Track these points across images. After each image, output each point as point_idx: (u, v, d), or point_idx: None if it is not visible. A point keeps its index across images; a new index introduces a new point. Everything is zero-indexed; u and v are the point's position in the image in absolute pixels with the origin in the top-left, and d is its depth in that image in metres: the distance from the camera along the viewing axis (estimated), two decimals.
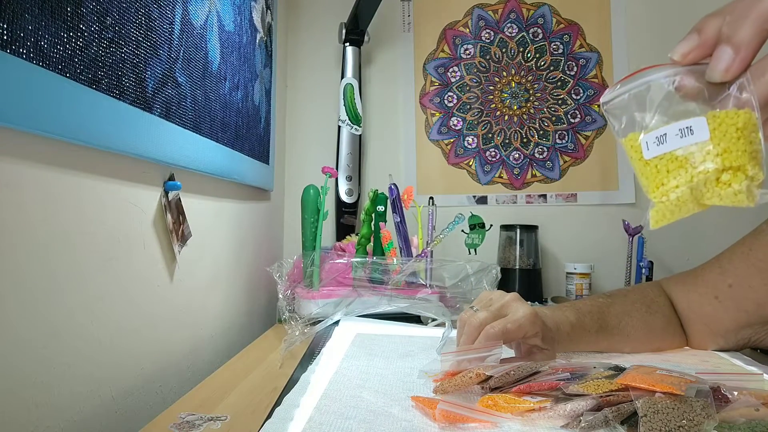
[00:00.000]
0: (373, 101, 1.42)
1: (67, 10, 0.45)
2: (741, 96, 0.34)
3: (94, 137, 0.50)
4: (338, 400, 0.50)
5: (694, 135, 0.35)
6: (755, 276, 0.66)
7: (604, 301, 0.70)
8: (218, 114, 0.84)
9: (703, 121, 0.35)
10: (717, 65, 0.34)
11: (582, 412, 0.42)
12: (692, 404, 0.39)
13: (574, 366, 0.50)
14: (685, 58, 0.35)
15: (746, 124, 0.34)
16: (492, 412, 0.44)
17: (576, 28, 1.39)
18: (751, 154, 0.34)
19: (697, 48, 0.35)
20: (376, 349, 0.70)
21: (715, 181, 0.35)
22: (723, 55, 0.33)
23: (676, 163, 0.37)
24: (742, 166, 0.34)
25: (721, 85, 0.35)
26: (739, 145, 0.34)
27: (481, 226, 1.26)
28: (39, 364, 0.46)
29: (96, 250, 0.54)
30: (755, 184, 0.34)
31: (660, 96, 0.37)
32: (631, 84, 0.39)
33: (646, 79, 0.38)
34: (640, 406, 0.39)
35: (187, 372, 0.75)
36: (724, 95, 0.35)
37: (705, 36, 0.34)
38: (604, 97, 0.41)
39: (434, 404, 0.45)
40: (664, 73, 0.37)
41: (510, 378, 0.48)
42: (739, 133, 0.34)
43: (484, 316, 0.57)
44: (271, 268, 0.89)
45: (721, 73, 0.34)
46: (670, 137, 0.36)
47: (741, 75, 0.34)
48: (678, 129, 0.36)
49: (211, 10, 0.79)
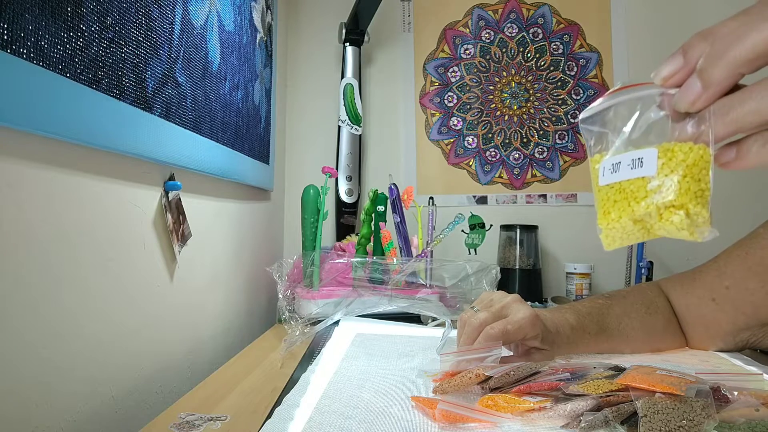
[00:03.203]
0: (373, 101, 1.42)
1: (67, 10, 0.45)
2: (700, 129, 0.33)
3: (94, 137, 0.50)
4: (338, 400, 0.50)
5: (643, 168, 0.35)
6: (752, 279, 0.66)
7: (603, 303, 0.70)
8: (218, 114, 0.84)
9: (654, 153, 0.34)
10: (684, 96, 0.33)
11: (582, 412, 0.42)
12: (692, 404, 0.39)
13: (574, 366, 0.50)
14: (666, 81, 0.34)
15: (696, 162, 0.33)
16: (492, 412, 0.44)
17: (576, 29, 1.39)
18: (696, 192, 0.33)
19: (680, 71, 0.34)
20: (376, 349, 0.70)
21: (658, 216, 0.35)
22: (692, 87, 0.33)
23: (622, 195, 0.36)
24: (684, 204, 0.33)
25: (687, 113, 0.34)
26: (684, 183, 0.33)
27: (481, 226, 1.26)
28: (39, 364, 0.46)
29: (96, 250, 0.54)
30: (699, 221, 0.34)
31: (628, 119, 0.37)
32: (607, 102, 0.38)
33: (619, 99, 0.37)
34: (640, 407, 0.40)
35: (187, 372, 0.75)
36: (687, 123, 0.34)
37: (689, 59, 0.33)
38: (582, 114, 0.40)
39: (434, 404, 0.45)
40: (638, 94, 0.36)
41: (510, 378, 0.48)
42: (687, 170, 0.33)
43: (484, 316, 0.58)
44: (271, 268, 0.90)
45: (687, 104, 0.33)
46: (623, 167, 0.36)
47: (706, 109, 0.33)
48: (630, 159, 0.36)
49: (212, 10, 0.79)
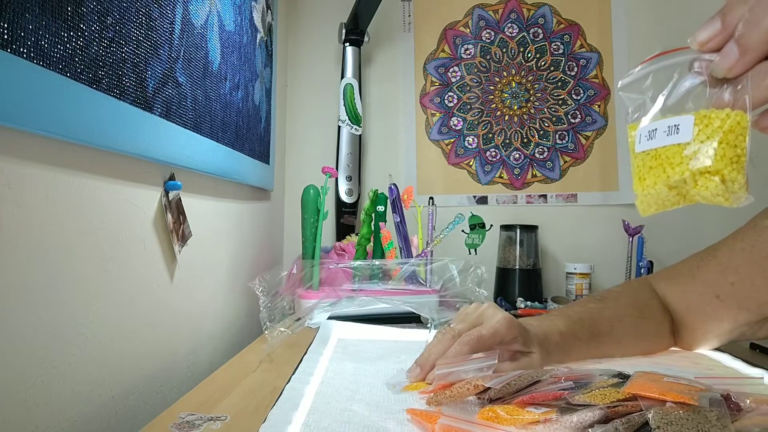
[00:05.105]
0: (373, 101, 1.42)
1: (67, 10, 0.45)
2: (737, 95, 0.33)
3: (94, 137, 0.50)
4: (328, 414, 0.47)
5: (679, 134, 0.35)
6: (758, 274, 0.64)
7: (595, 307, 0.68)
8: (218, 114, 0.84)
9: (691, 120, 0.35)
10: (721, 62, 0.33)
11: (590, 423, 0.40)
12: (706, 415, 0.37)
13: (577, 374, 0.48)
14: (704, 46, 0.34)
15: (733, 128, 0.33)
16: (495, 426, 0.42)
17: (576, 29, 1.39)
18: (732, 159, 0.33)
19: (718, 36, 0.33)
20: (364, 354, 0.68)
21: (693, 182, 0.35)
22: (730, 53, 0.33)
23: (657, 161, 0.37)
24: (720, 170, 0.34)
25: (724, 79, 0.34)
26: (720, 149, 0.33)
27: (481, 226, 1.26)
28: (39, 364, 0.46)
29: (96, 250, 0.54)
30: (735, 187, 0.34)
31: (665, 85, 0.37)
32: (645, 69, 0.38)
33: (657, 66, 0.37)
34: (651, 417, 0.37)
35: (187, 372, 0.75)
36: (724, 89, 0.34)
37: (727, 24, 0.33)
38: (622, 81, 0.40)
39: (432, 418, 0.43)
40: (675, 60, 0.36)
41: (510, 389, 0.46)
42: (723, 137, 0.33)
43: (459, 327, 0.57)
44: (252, 283, 0.84)
45: (724, 70, 0.33)
46: (659, 134, 0.36)
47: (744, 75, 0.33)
48: (666, 126, 0.36)
49: (212, 9, 0.79)
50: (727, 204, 0.35)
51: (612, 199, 1.35)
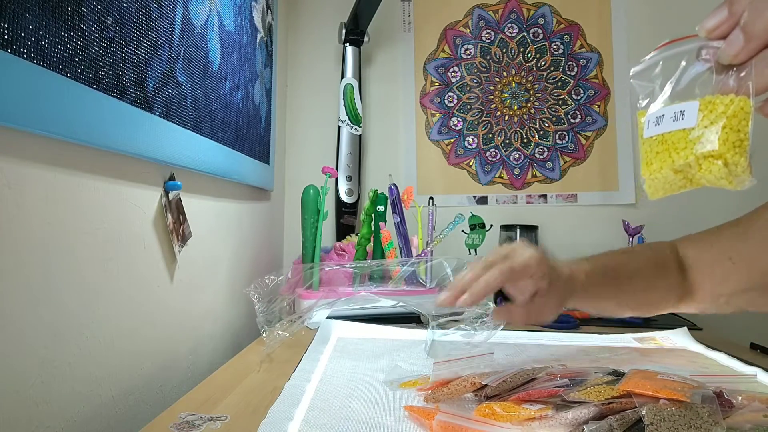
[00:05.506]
0: (373, 101, 1.42)
1: (67, 10, 0.45)
2: (741, 81, 0.34)
3: (94, 137, 0.50)
4: (327, 411, 0.48)
5: (684, 120, 0.36)
6: None
7: (620, 258, 0.72)
8: (218, 114, 0.84)
9: (696, 106, 0.36)
10: (727, 49, 0.34)
11: (584, 420, 0.41)
12: (698, 411, 0.38)
13: (572, 371, 0.49)
14: (711, 33, 0.35)
15: (736, 113, 0.34)
16: (492, 422, 0.43)
17: (576, 29, 1.39)
18: (734, 143, 0.34)
19: (724, 24, 0.34)
20: (363, 353, 0.69)
21: (698, 166, 0.36)
22: (735, 41, 0.34)
23: (664, 146, 0.38)
24: (722, 154, 0.34)
25: (730, 66, 0.35)
26: (723, 134, 0.34)
27: (481, 226, 1.26)
28: (39, 364, 0.46)
29: (96, 250, 0.54)
30: (738, 170, 0.35)
31: (673, 73, 0.38)
32: (656, 57, 0.39)
33: (667, 53, 0.38)
34: (645, 414, 0.38)
35: (187, 372, 0.75)
36: (729, 76, 0.35)
37: (733, 12, 0.34)
38: (633, 69, 0.41)
39: (430, 414, 0.44)
40: (683, 48, 0.37)
41: (506, 386, 0.47)
42: (726, 122, 0.34)
43: (491, 259, 0.58)
44: (248, 290, 0.85)
45: (730, 57, 0.34)
46: (666, 119, 0.37)
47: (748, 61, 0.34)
48: (673, 112, 0.37)
49: (212, 10, 0.79)
50: (731, 187, 0.36)
51: (612, 199, 1.35)
